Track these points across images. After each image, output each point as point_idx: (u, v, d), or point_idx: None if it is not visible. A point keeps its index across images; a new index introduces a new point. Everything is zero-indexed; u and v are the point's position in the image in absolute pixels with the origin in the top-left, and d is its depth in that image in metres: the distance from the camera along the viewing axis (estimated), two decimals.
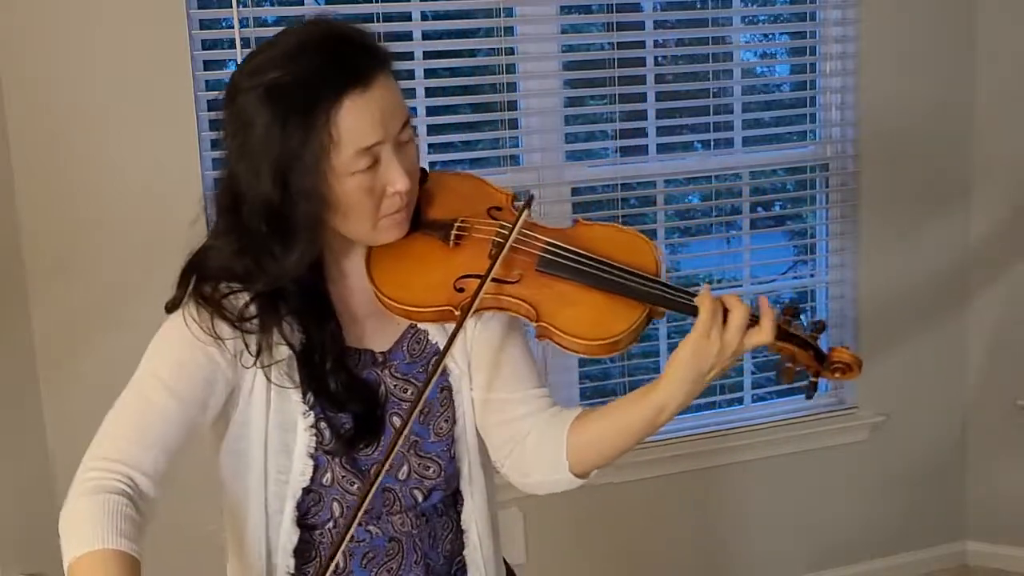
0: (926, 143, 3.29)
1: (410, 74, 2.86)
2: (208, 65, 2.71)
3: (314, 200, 1.28)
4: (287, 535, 1.38)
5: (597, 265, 1.36)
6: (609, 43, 3.03)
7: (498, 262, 1.34)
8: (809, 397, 1.45)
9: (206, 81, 2.71)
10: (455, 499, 1.50)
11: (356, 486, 1.37)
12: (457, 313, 1.34)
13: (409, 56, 2.85)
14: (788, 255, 3.49)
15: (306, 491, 1.38)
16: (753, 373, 3.35)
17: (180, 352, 1.31)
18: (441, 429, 1.44)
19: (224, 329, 1.31)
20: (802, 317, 1.39)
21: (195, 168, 2.66)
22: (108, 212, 2.61)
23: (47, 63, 2.53)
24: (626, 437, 1.37)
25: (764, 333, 1.32)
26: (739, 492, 3.28)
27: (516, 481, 1.46)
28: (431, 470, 1.43)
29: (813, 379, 1.41)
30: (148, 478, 1.33)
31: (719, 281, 3.34)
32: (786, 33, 3.40)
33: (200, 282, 1.35)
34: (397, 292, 1.36)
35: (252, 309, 1.32)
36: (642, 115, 3.09)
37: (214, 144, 2.73)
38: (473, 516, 1.48)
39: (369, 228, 1.34)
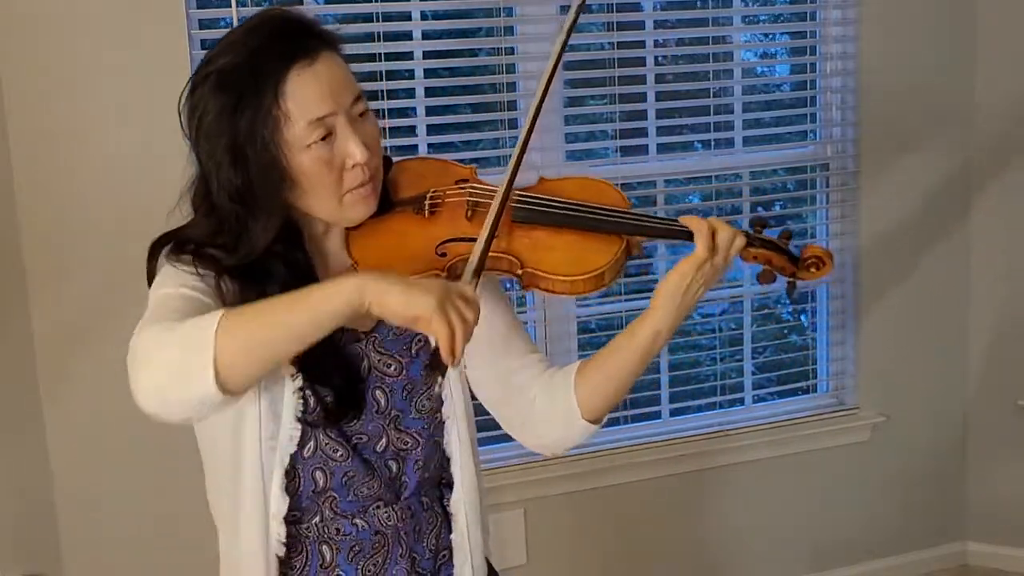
0: (926, 143, 3.29)
1: (410, 74, 2.86)
2: None
3: (275, 172, 1.31)
4: (277, 503, 1.37)
5: (570, 207, 1.42)
6: (609, 43, 3.03)
7: (497, 215, 1.35)
8: (790, 298, 1.56)
9: None
10: (440, 493, 1.51)
11: (340, 453, 1.39)
12: (444, 275, 1.36)
13: (409, 56, 2.85)
14: None
15: (293, 457, 1.38)
16: (753, 373, 3.35)
17: (181, 279, 1.31)
18: (423, 407, 1.46)
19: (210, 279, 1.32)
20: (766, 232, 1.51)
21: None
22: (108, 212, 2.60)
23: (47, 63, 2.53)
24: (629, 371, 1.43)
25: (740, 239, 1.42)
26: (739, 492, 3.28)
27: (534, 444, 1.51)
28: (407, 443, 1.45)
29: (791, 280, 1.51)
30: None
31: (719, 281, 3.34)
32: (786, 33, 3.40)
33: (176, 247, 1.36)
34: (379, 265, 1.37)
35: (235, 272, 1.34)
36: (642, 115, 3.09)
37: None
38: (462, 500, 1.50)
39: (335, 204, 1.35)
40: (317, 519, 1.42)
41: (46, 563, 2.63)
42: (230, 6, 2.64)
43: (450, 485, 1.51)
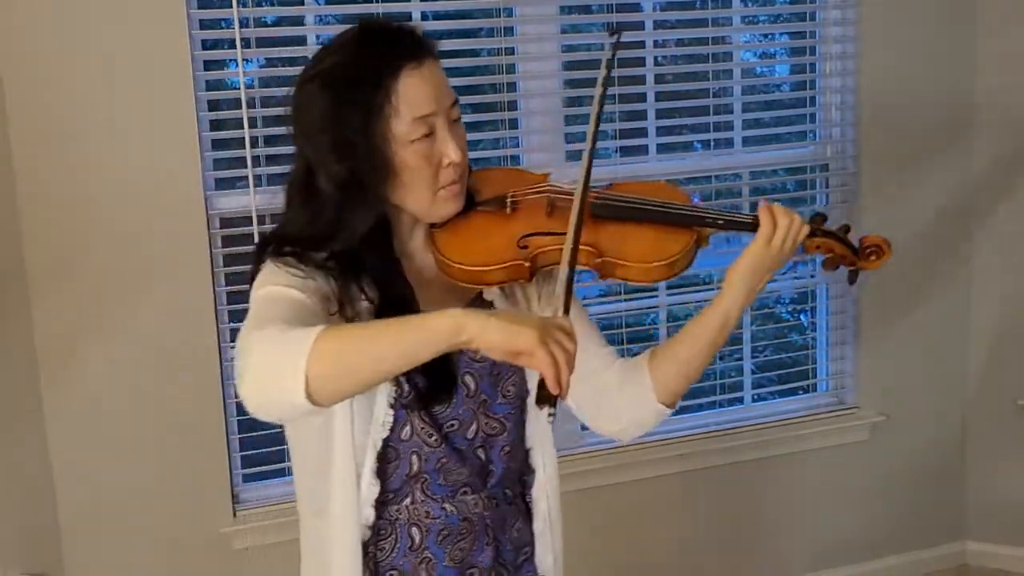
0: (926, 143, 3.29)
1: None
2: (208, 65, 2.72)
3: (380, 164, 1.40)
4: (368, 486, 1.43)
5: (644, 203, 1.54)
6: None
7: (580, 209, 1.42)
8: (852, 283, 1.63)
9: (206, 81, 2.71)
10: (521, 487, 1.57)
11: (434, 438, 1.44)
12: (527, 265, 1.47)
13: None
14: None
15: (385, 443, 1.43)
16: (753, 373, 3.35)
17: (286, 276, 1.38)
18: (508, 392, 1.52)
19: (313, 271, 1.39)
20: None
21: (195, 168, 2.66)
22: (108, 212, 2.61)
23: (47, 63, 2.53)
24: (701, 355, 1.52)
25: (804, 229, 1.51)
26: (739, 492, 3.28)
27: (609, 431, 1.59)
28: (495, 428, 1.51)
29: (851, 268, 1.60)
30: None
31: (719, 281, 3.34)
32: (786, 33, 3.40)
33: (278, 247, 1.42)
34: (465, 256, 1.47)
35: (332, 263, 1.41)
36: (642, 115, 3.09)
37: (214, 144, 2.73)
38: (545, 489, 1.56)
39: (428, 199, 1.45)
40: (408, 501, 1.47)
41: (47, 562, 2.64)
42: (230, 6, 2.65)
43: (529, 479, 1.57)
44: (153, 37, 2.59)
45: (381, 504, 1.45)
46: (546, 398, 1.24)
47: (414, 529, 1.47)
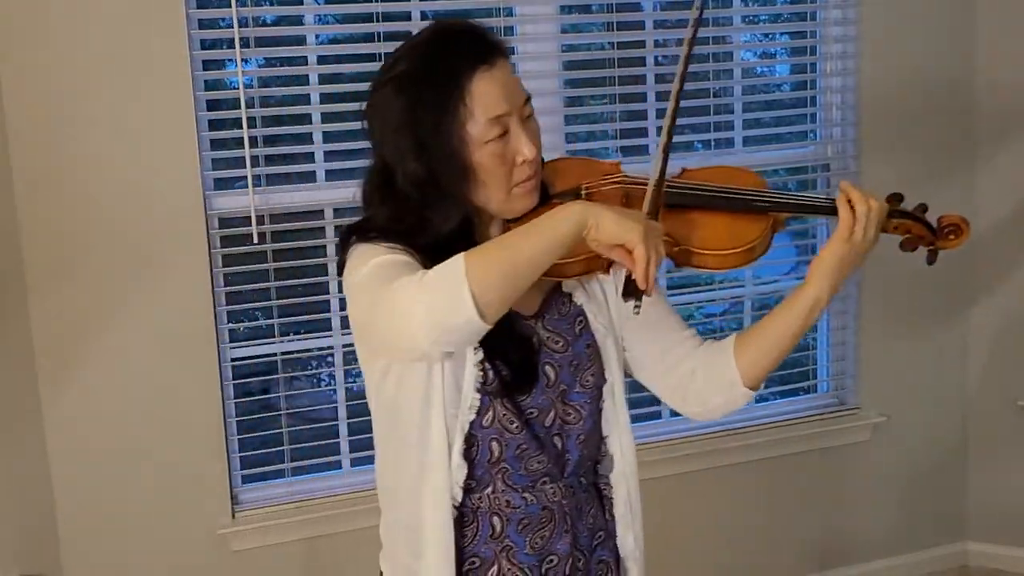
0: (926, 143, 3.29)
1: None
2: (208, 65, 2.71)
3: (457, 164, 1.43)
4: (457, 469, 1.47)
5: (719, 190, 1.53)
6: (609, 43, 3.03)
7: (661, 172, 1.44)
8: (930, 263, 1.61)
9: (205, 81, 2.71)
10: (594, 475, 1.61)
11: (515, 425, 1.48)
12: (604, 260, 1.45)
13: None
14: (790, 255, 3.48)
15: (472, 425, 1.47)
16: None
17: (382, 251, 1.41)
18: (587, 382, 1.55)
19: (404, 249, 1.43)
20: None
21: (194, 168, 2.66)
22: (107, 212, 2.60)
23: (46, 64, 2.53)
24: (787, 340, 1.54)
25: (880, 210, 1.51)
26: (739, 492, 3.28)
27: (693, 412, 1.62)
28: (571, 416, 1.54)
29: (929, 248, 1.59)
30: None
31: (720, 282, 3.34)
32: (786, 33, 3.40)
33: (364, 233, 1.46)
34: None
35: (419, 257, 1.44)
36: (642, 115, 3.09)
37: (213, 144, 2.73)
38: (623, 473, 1.60)
39: (504, 195, 1.47)
40: (489, 490, 1.50)
41: (46, 563, 2.63)
42: (229, 6, 2.64)
43: (602, 465, 1.61)
44: (152, 37, 2.59)
45: (465, 492, 1.49)
46: (633, 291, 1.33)
47: (495, 518, 1.50)
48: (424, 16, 2.86)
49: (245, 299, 2.88)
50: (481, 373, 1.46)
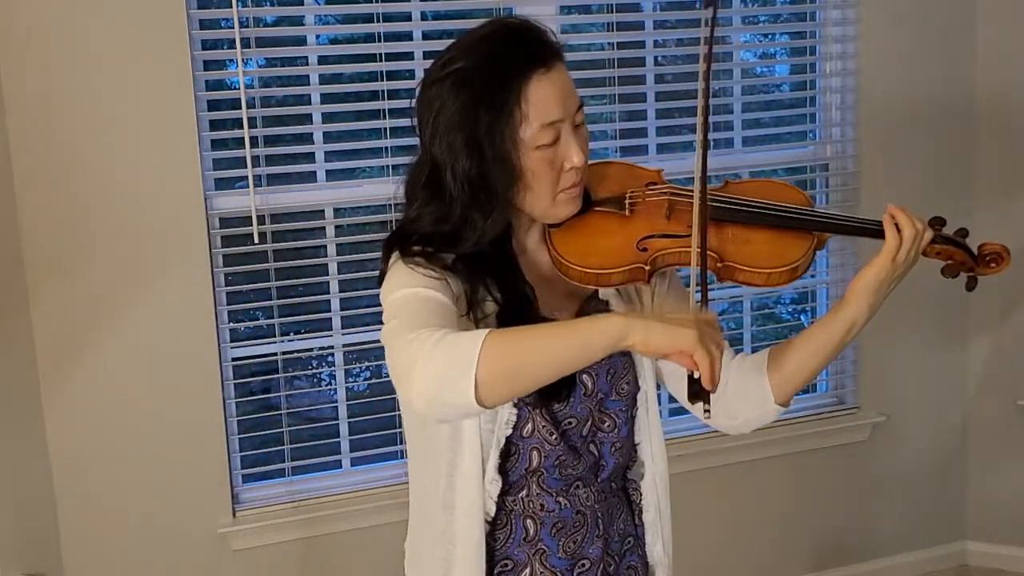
0: (926, 143, 3.29)
1: (410, 74, 2.86)
2: (208, 65, 2.71)
3: (507, 168, 1.41)
4: (492, 482, 1.46)
5: (764, 206, 1.51)
6: (609, 43, 3.04)
7: (703, 220, 1.41)
8: (970, 290, 1.61)
9: (206, 81, 2.71)
10: (624, 481, 1.60)
11: (554, 436, 1.47)
12: (647, 268, 1.46)
13: (409, 56, 2.85)
14: None
15: (508, 440, 1.46)
16: None
17: (416, 276, 1.40)
18: (623, 390, 1.55)
19: (441, 273, 1.41)
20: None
21: (195, 168, 2.66)
22: (108, 212, 2.61)
23: (47, 63, 2.53)
24: (822, 358, 1.52)
25: (927, 234, 1.52)
26: (739, 492, 3.28)
27: (723, 425, 1.59)
28: (607, 424, 1.53)
29: (969, 274, 1.60)
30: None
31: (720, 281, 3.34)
32: (786, 33, 3.40)
33: (405, 247, 1.44)
34: (584, 259, 1.46)
35: (459, 265, 1.43)
36: (642, 115, 3.09)
37: (214, 144, 2.73)
38: (654, 480, 1.59)
39: (549, 201, 1.45)
40: (524, 493, 1.50)
41: (46, 563, 2.63)
42: (230, 6, 2.65)
43: (633, 472, 1.60)
44: (153, 37, 2.59)
45: (499, 495, 1.48)
46: (699, 393, 1.27)
47: (528, 521, 1.50)
48: (424, 16, 2.87)
49: (246, 299, 2.88)
50: None
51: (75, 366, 2.63)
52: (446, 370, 1.22)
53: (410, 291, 1.37)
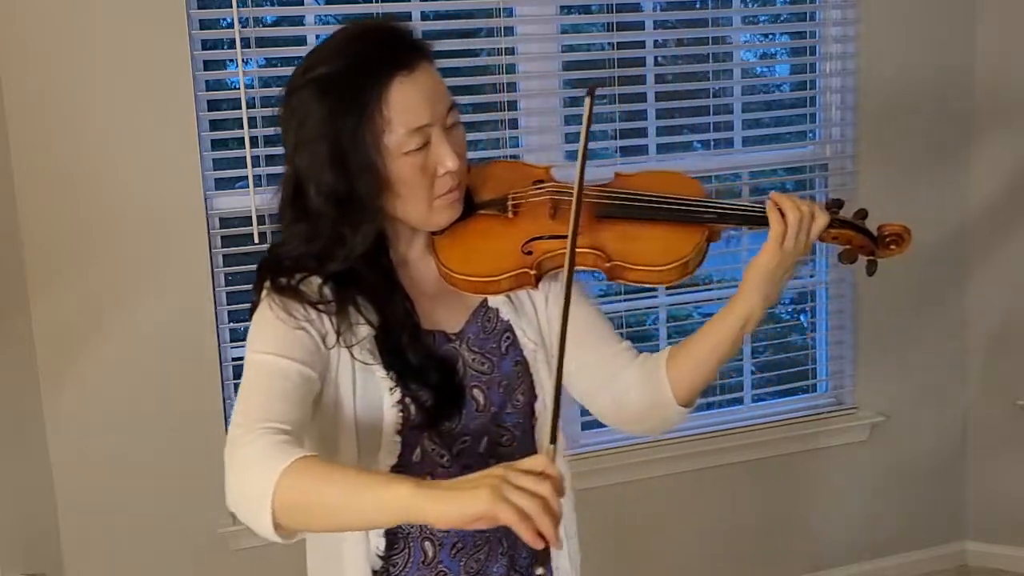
0: (926, 143, 3.29)
1: None
2: (208, 65, 2.71)
3: (373, 178, 1.34)
4: (375, 535, 1.40)
5: (651, 200, 1.45)
6: (609, 43, 3.04)
7: (578, 212, 1.35)
8: (870, 274, 1.53)
9: (206, 81, 2.71)
10: None
11: (446, 458, 1.40)
12: (533, 272, 1.40)
13: None
14: None
15: (393, 469, 1.38)
16: (753, 373, 3.35)
17: (275, 330, 1.34)
18: (518, 402, 1.48)
19: (306, 311, 1.35)
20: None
21: (195, 168, 2.66)
22: (108, 213, 2.61)
23: (47, 63, 2.53)
24: (719, 357, 1.45)
25: (821, 221, 1.42)
26: (739, 492, 3.28)
27: (631, 430, 1.56)
28: (505, 438, 1.47)
29: (869, 258, 1.51)
30: (287, 425, 1.27)
31: (719, 281, 3.34)
32: (786, 33, 3.40)
33: (275, 277, 1.38)
34: (468, 267, 1.41)
35: (327, 291, 1.36)
36: (642, 115, 3.09)
37: (214, 144, 2.73)
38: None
39: (425, 209, 1.39)
40: None
41: (46, 563, 2.63)
42: (230, 6, 2.65)
43: None
44: (153, 37, 2.59)
45: None
46: (537, 558, 1.07)
47: (427, 543, 1.44)
48: (424, 16, 2.87)
49: (246, 299, 2.87)
50: (401, 413, 1.36)
51: (75, 366, 2.63)
52: (247, 501, 1.19)
53: (262, 358, 1.31)
